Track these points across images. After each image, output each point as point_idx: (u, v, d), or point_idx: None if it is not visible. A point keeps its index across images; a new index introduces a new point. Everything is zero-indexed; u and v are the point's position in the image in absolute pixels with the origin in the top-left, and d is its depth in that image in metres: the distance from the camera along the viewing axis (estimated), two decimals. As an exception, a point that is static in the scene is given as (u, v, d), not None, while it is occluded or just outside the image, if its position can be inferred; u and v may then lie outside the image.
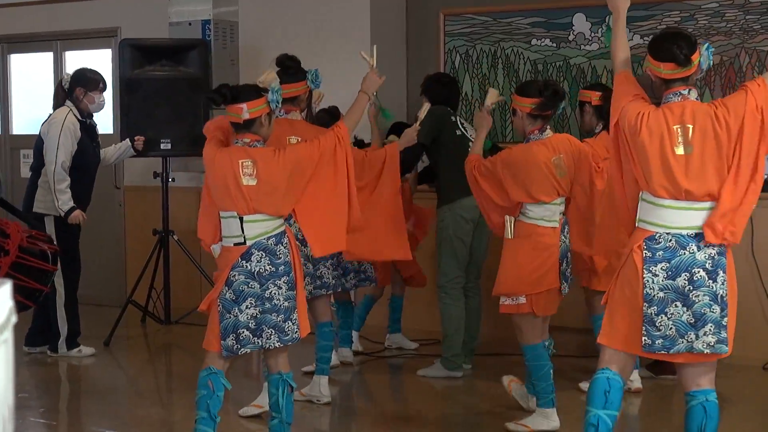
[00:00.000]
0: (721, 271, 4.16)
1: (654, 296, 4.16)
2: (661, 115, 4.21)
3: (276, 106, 4.90)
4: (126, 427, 5.88)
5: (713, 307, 4.15)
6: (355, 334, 7.36)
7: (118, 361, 7.68)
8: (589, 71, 8.03)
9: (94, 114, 7.56)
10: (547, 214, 5.43)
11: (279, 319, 4.73)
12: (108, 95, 9.37)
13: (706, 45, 4.36)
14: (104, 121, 9.56)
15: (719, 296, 4.16)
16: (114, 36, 9.37)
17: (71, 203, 7.21)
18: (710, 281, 4.16)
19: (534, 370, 5.51)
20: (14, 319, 1.18)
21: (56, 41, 9.83)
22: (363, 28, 8.31)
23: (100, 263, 9.49)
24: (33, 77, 9.96)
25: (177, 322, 8.19)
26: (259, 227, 4.72)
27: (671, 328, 4.15)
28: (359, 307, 7.48)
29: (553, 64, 8.18)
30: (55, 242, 6.74)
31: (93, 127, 7.56)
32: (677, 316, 4.15)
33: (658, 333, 4.17)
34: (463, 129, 6.94)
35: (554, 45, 8.18)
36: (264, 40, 8.54)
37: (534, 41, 8.24)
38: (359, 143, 7.14)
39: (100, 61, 9.66)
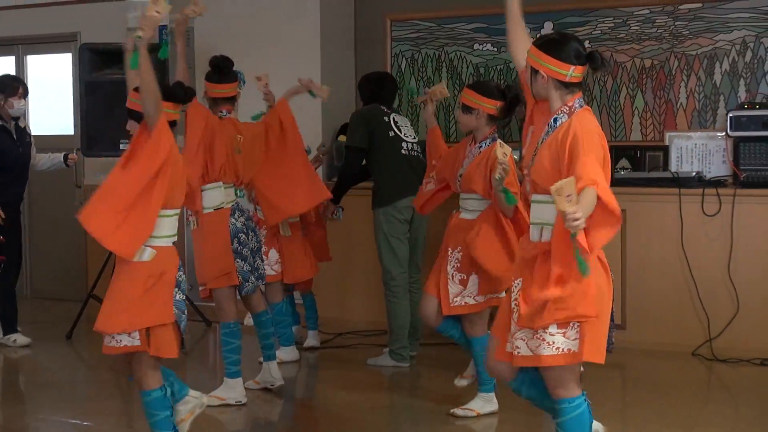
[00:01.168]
0: None
1: None
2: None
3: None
4: (85, 416, 5.86)
5: None
6: (313, 332, 7.36)
7: (78, 353, 7.65)
8: (529, 74, 8.08)
9: (19, 117, 7.58)
10: None
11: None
12: (68, 97, 9.34)
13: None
14: (65, 123, 9.51)
15: None
16: (74, 41, 9.31)
17: None
18: None
19: (477, 359, 5.55)
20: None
21: (18, 45, 9.75)
22: (313, 32, 8.32)
23: (62, 259, 9.45)
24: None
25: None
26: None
27: None
28: (308, 308, 7.33)
29: (494, 68, 8.24)
30: None
31: (20, 129, 7.55)
32: None
33: None
34: (396, 129, 6.79)
35: (495, 49, 8.24)
36: (218, 44, 8.49)
37: (476, 46, 8.30)
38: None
39: (61, 64, 9.60)
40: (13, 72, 9.70)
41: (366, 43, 8.74)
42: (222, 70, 5.94)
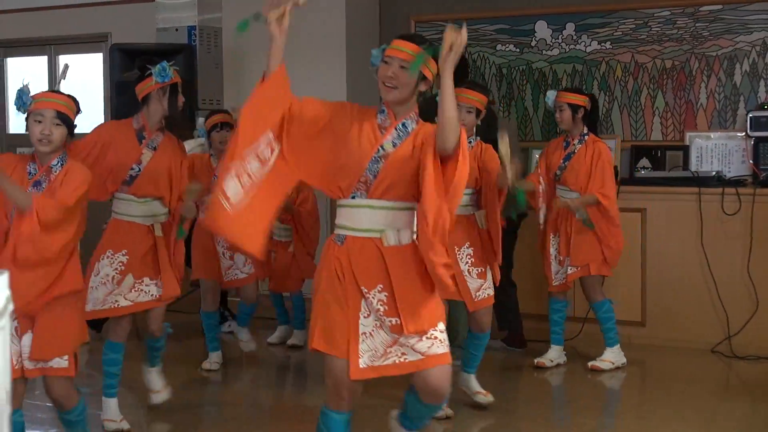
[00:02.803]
0: None
1: None
2: None
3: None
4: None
5: None
6: (300, 331, 7.32)
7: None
8: (550, 75, 8.09)
9: None
10: None
11: None
12: (99, 97, 9.41)
13: None
14: (95, 122, 9.57)
15: None
16: (105, 41, 9.38)
17: None
18: None
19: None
20: (11, 306, 1.23)
21: (50, 45, 9.83)
22: (339, 33, 8.35)
23: (90, 254, 9.50)
24: (28, 80, 9.92)
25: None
26: None
27: None
28: (296, 307, 7.33)
29: (517, 68, 8.24)
30: None
31: None
32: None
33: None
34: None
35: (518, 50, 8.24)
36: (245, 45, 8.57)
37: (499, 47, 8.30)
38: None
39: (92, 64, 9.67)
40: (45, 72, 9.79)
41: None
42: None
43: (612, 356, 6.55)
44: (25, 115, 4.37)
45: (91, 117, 9.72)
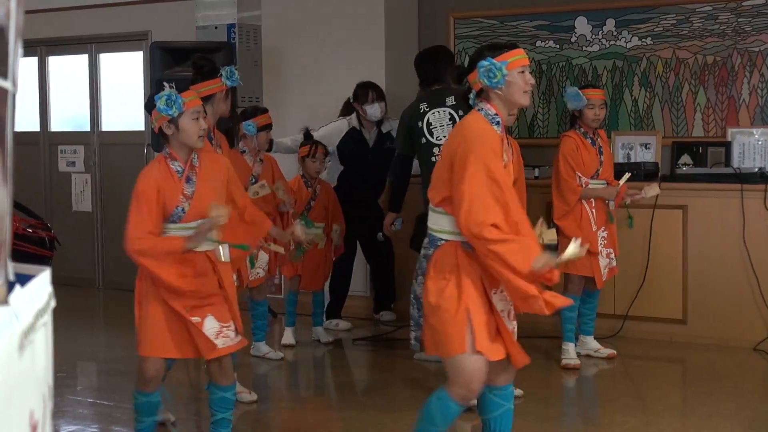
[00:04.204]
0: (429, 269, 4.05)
1: None
2: None
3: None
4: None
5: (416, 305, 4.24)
6: (319, 328, 7.42)
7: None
8: (590, 71, 8.05)
9: (382, 122, 7.71)
10: None
11: None
12: (139, 94, 9.46)
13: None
14: (136, 119, 9.64)
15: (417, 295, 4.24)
16: (145, 39, 9.43)
17: None
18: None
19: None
20: (53, 303, 1.23)
21: (91, 44, 9.90)
22: (378, 30, 8.35)
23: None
24: (69, 78, 10.03)
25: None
26: None
27: None
28: (316, 304, 7.40)
29: (557, 65, 8.20)
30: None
31: (382, 134, 7.73)
32: None
33: None
34: (428, 134, 6.19)
35: (557, 46, 8.20)
36: (284, 43, 8.59)
37: (538, 43, 8.27)
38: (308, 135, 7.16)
39: (132, 63, 9.73)
40: (86, 69, 9.86)
41: (430, 41, 8.70)
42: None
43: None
44: (173, 115, 4.38)
45: (131, 115, 9.81)
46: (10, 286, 1.12)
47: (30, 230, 6.58)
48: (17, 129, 1.15)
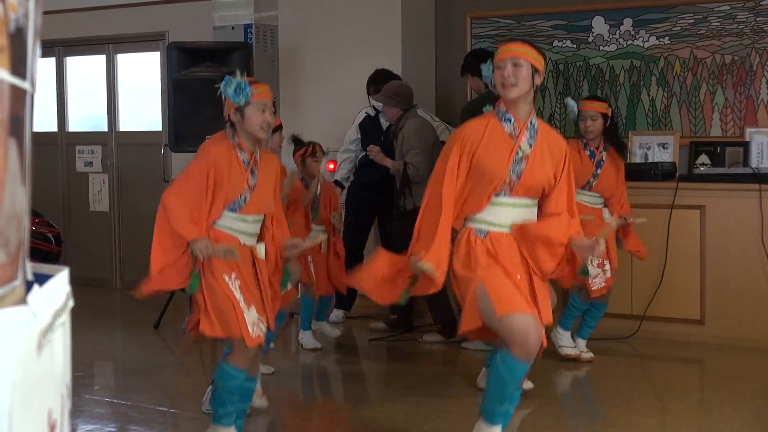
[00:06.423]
0: None
1: None
2: None
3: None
4: (172, 404, 5.95)
5: None
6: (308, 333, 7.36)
7: (166, 342, 7.78)
8: (608, 71, 8.03)
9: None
10: None
11: None
12: (156, 94, 9.49)
13: None
14: (153, 119, 9.67)
15: None
16: (162, 39, 9.45)
17: None
18: None
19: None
20: (72, 302, 1.23)
21: (108, 44, 9.93)
22: (395, 30, 8.35)
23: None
24: (87, 78, 10.06)
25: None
26: None
27: None
28: (303, 309, 7.34)
29: (574, 65, 8.19)
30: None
31: None
32: None
33: None
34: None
35: (574, 46, 8.19)
36: (301, 43, 8.60)
37: (555, 43, 8.25)
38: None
39: (149, 63, 9.76)
40: (103, 69, 9.90)
41: (446, 41, 8.74)
42: None
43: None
44: (240, 103, 4.53)
45: (148, 115, 9.84)
46: (29, 286, 1.12)
47: (33, 228, 6.67)
48: (35, 129, 1.15)
